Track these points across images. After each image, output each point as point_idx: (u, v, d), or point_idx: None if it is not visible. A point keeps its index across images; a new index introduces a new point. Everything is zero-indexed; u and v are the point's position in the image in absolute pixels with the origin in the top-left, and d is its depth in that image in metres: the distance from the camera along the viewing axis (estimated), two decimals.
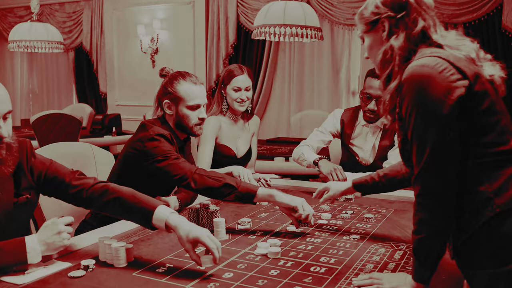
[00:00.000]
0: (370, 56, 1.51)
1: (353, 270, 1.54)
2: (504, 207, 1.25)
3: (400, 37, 1.37)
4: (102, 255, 1.61)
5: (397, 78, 1.37)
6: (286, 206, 1.93)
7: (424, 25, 1.38)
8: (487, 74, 1.34)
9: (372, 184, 1.96)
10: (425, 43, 1.38)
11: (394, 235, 1.90)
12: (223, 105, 2.85)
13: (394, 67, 1.38)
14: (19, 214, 1.64)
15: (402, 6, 1.39)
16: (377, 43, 1.44)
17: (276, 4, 4.12)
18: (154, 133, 2.09)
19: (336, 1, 5.73)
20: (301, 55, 6.30)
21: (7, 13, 8.30)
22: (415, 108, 1.27)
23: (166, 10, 6.90)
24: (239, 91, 2.78)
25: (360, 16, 1.48)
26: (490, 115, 1.29)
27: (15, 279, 1.43)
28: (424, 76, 1.26)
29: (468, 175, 1.29)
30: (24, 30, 5.68)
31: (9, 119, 1.55)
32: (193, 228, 1.53)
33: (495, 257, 1.26)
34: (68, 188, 1.69)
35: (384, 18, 1.40)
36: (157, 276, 1.49)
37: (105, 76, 7.55)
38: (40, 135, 5.20)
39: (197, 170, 2.02)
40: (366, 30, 1.47)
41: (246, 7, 6.26)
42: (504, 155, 1.29)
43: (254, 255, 1.67)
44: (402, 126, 1.38)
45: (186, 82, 2.18)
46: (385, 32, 1.41)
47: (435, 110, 1.25)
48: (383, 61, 1.42)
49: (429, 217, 1.29)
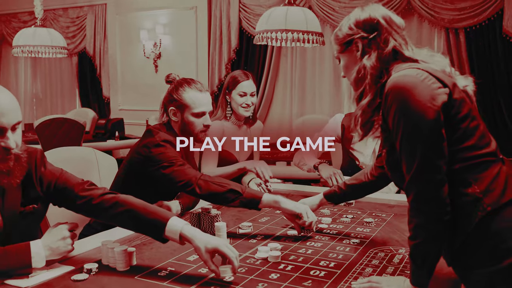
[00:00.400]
0: (346, 75, 1.56)
1: (352, 273, 1.56)
2: (494, 206, 1.30)
3: (372, 56, 1.44)
4: (105, 258, 1.63)
5: (368, 95, 1.44)
6: (290, 213, 1.95)
7: (395, 44, 1.45)
8: (461, 85, 1.41)
9: (340, 194, 2.03)
10: (398, 61, 1.44)
11: (393, 239, 1.92)
12: (227, 110, 2.87)
13: (366, 85, 1.45)
14: (25, 224, 1.63)
15: (374, 27, 1.46)
16: (352, 62, 1.51)
17: (278, 9, 4.14)
18: (160, 139, 2.12)
19: (337, 7, 5.76)
20: (303, 60, 6.33)
21: (11, 18, 8.36)
22: (402, 116, 1.32)
23: (169, 15, 6.94)
24: (244, 96, 2.81)
25: (335, 37, 1.54)
26: (470, 120, 1.35)
27: (19, 282, 1.46)
28: (407, 85, 1.32)
29: (455, 179, 1.32)
30: (28, 35, 5.71)
31: (19, 129, 1.52)
32: (210, 238, 1.53)
33: (490, 255, 1.29)
34: (77, 199, 1.67)
35: (358, 38, 1.47)
36: (159, 279, 1.51)
37: (108, 81, 7.59)
38: (43, 140, 5.24)
39: (202, 176, 2.04)
40: (341, 50, 1.53)
41: (249, 12, 6.29)
42: (487, 156, 1.35)
43: (254, 259, 1.69)
44: (386, 138, 1.44)
45: (192, 89, 2.20)
46: (359, 52, 1.47)
47: (422, 117, 1.29)
48: (357, 79, 1.48)
49: (424, 221, 1.32)
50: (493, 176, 1.33)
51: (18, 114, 1.49)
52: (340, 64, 1.57)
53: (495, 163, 1.36)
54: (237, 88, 2.81)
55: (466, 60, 5.20)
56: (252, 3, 6.28)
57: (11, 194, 1.58)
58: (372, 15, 1.47)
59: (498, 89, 5.09)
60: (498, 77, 5.08)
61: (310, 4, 5.87)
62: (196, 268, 1.60)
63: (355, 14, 1.50)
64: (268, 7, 5.64)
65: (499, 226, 1.29)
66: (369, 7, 1.49)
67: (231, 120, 2.88)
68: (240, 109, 2.83)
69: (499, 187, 1.32)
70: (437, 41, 5.55)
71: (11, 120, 1.46)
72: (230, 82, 2.85)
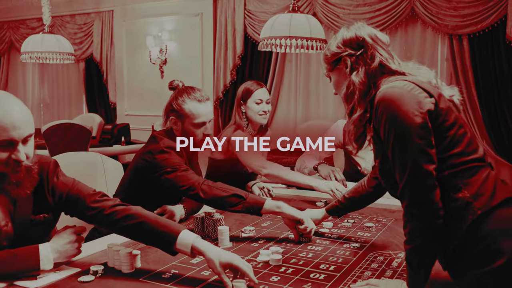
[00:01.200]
0: (337, 91, 1.64)
1: (352, 277, 1.60)
2: (484, 209, 1.34)
3: (360, 72, 1.51)
4: (110, 261, 1.68)
5: (358, 110, 1.51)
6: (292, 218, 1.99)
7: (381, 59, 1.52)
8: (447, 95, 1.48)
9: (341, 207, 2.07)
10: (386, 75, 1.51)
11: (393, 243, 1.95)
12: (243, 120, 2.87)
13: (355, 100, 1.52)
14: (36, 232, 1.66)
15: (360, 44, 1.54)
16: (341, 79, 1.59)
17: (282, 16, 4.19)
18: (164, 146, 2.16)
19: (342, 13, 5.81)
20: (307, 66, 6.37)
21: (19, 25, 8.47)
22: (392, 125, 1.37)
23: (175, 21, 7.02)
24: (261, 103, 2.83)
25: (325, 57, 1.62)
26: (457, 128, 1.40)
27: (28, 283, 1.50)
28: (395, 95, 1.38)
29: (446, 185, 1.37)
30: (36, 41, 5.79)
31: (31, 141, 1.55)
32: (222, 252, 1.56)
33: (482, 257, 1.33)
34: (88, 209, 1.69)
35: (345, 56, 1.55)
36: (163, 281, 1.55)
37: (114, 87, 7.67)
38: (50, 145, 5.30)
39: (205, 182, 2.08)
40: (330, 68, 1.61)
41: (253, 19, 6.35)
42: (475, 162, 1.39)
43: (256, 262, 1.73)
44: (378, 149, 1.50)
45: (191, 100, 2.22)
46: (348, 68, 1.55)
47: (410, 124, 1.34)
48: (347, 95, 1.55)
49: (419, 226, 1.36)
50: (482, 181, 1.37)
51: (29, 127, 1.52)
52: (330, 82, 1.65)
53: (484, 168, 1.40)
54: (253, 97, 2.83)
55: (469, 66, 5.22)
56: (257, 10, 6.34)
57: (22, 203, 1.61)
58: (358, 33, 1.54)
59: (501, 95, 5.10)
60: (501, 83, 5.09)
61: (314, 11, 5.93)
62: (199, 270, 1.64)
63: (341, 34, 1.57)
64: (272, 14, 5.70)
65: (490, 228, 1.33)
66: (354, 26, 1.57)
67: (247, 130, 2.89)
68: (257, 117, 2.84)
69: (488, 191, 1.36)
70: (440, 47, 5.58)
71: (22, 133, 1.49)
72: (244, 92, 2.86)
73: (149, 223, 1.64)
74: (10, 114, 1.46)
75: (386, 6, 5.57)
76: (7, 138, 1.46)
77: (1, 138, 1.45)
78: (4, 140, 1.46)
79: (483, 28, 5.12)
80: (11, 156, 1.49)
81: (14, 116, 1.47)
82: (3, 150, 1.47)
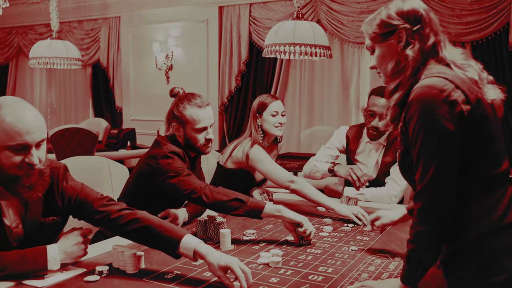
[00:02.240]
0: (379, 66, 1.53)
1: (349, 279, 1.65)
2: (493, 226, 1.34)
3: (415, 48, 1.43)
4: (115, 262, 1.73)
5: (400, 90, 1.44)
6: (291, 221, 2.04)
7: (435, 40, 1.45)
8: (489, 97, 1.41)
9: None
10: (434, 58, 1.44)
11: (391, 247, 2.00)
12: (259, 132, 2.87)
13: (404, 78, 1.44)
14: (45, 234, 1.73)
15: (417, 19, 1.44)
16: (389, 53, 1.48)
17: (286, 23, 4.25)
18: (168, 151, 2.22)
19: (346, 20, 5.87)
20: (311, 72, 6.43)
21: (27, 30, 8.59)
22: (423, 127, 1.34)
23: (181, 28, 7.10)
24: (276, 115, 2.85)
25: (371, 27, 1.51)
26: (486, 138, 1.37)
27: (35, 283, 1.56)
28: (431, 97, 1.33)
29: (461, 194, 1.37)
30: (44, 47, 5.88)
31: (43, 146, 1.62)
32: (222, 255, 1.61)
33: (483, 270, 1.35)
34: (95, 213, 1.75)
35: (401, 29, 1.44)
36: (166, 282, 1.61)
37: (121, 92, 7.75)
38: (57, 149, 5.37)
39: (207, 186, 2.13)
40: (379, 40, 1.50)
41: (258, 26, 6.42)
42: (496, 177, 1.38)
43: (256, 263, 1.78)
44: (403, 139, 1.46)
45: (192, 106, 2.27)
46: (402, 42, 1.45)
47: (441, 130, 1.32)
48: (394, 70, 1.47)
49: (427, 230, 1.36)
50: (497, 198, 1.36)
51: (42, 132, 1.59)
52: (373, 54, 1.54)
53: (502, 184, 1.39)
54: (268, 109, 2.85)
55: None
56: (262, 17, 6.41)
57: (33, 205, 1.68)
58: (415, 7, 1.45)
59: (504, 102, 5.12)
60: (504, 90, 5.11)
61: (319, 18, 5.99)
62: (201, 271, 1.70)
63: (395, 5, 1.47)
64: (277, 20, 5.77)
65: (498, 244, 1.34)
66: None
67: (262, 143, 2.90)
68: (273, 129, 2.86)
69: (500, 209, 1.35)
70: None
71: (35, 138, 1.56)
72: (260, 105, 2.87)
73: (153, 227, 1.70)
74: (25, 120, 1.54)
75: None
76: (21, 142, 1.52)
77: (15, 142, 1.52)
78: (19, 144, 1.53)
79: (486, 36, 5.16)
80: (25, 160, 1.55)
81: (28, 121, 1.54)
82: (17, 154, 1.54)
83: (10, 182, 1.57)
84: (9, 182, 1.57)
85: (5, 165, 1.54)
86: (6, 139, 1.51)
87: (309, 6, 6.02)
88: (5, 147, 1.52)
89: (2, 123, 1.51)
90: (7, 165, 1.53)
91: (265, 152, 2.79)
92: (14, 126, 1.51)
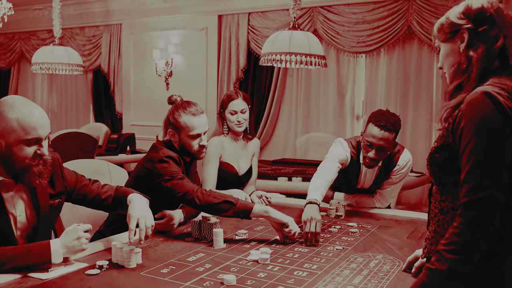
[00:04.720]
0: (443, 65, 1.49)
1: (331, 274, 1.77)
2: None
3: (478, 50, 1.37)
4: (114, 257, 1.86)
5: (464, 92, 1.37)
6: (278, 222, 2.17)
7: (504, 42, 1.37)
8: None
9: None
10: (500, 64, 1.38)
11: (373, 247, 2.12)
12: (224, 127, 3.09)
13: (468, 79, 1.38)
14: (53, 216, 2.00)
15: (485, 20, 1.37)
16: (453, 53, 1.44)
17: (283, 33, 4.38)
18: (164, 155, 2.35)
19: (341, 30, 6.01)
20: (308, 80, 6.56)
21: (30, 36, 8.72)
22: (475, 133, 1.29)
23: (181, 35, 7.24)
24: (235, 114, 3.01)
25: (440, 26, 1.47)
26: None
27: (40, 275, 1.69)
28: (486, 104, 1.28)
29: None
30: (47, 53, 5.97)
31: (47, 139, 1.85)
32: (134, 210, 1.95)
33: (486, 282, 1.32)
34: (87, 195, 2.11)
35: (465, 29, 1.39)
36: (161, 275, 1.73)
37: (121, 97, 7.88)
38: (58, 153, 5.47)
39: (199, 189, 2.26)
40: (445, 39, 1.45)
41: (257, 34, 6.57)
42: None
43: (246, 260, 1.91)
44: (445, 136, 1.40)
45: (187, 114, 2.40)
46: (464, 43, 1.39)
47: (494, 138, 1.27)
48: (456, 71, 1.42)
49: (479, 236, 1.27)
50: None
51: (49, 127, 1.83)
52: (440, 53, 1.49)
53: None
54: (229, 107, 3.02)
55: None
56: (260, 26, 6.56)
57: (42, 192, 1.89)
58: (485, 5, 1.38)
59: None
60: None
61: (315, 27, 6.13)
62: (194, 267, 1.82)
63: (467, 2, 1.41)
64: (275, 29, 5.91)
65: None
66: None
67: (229, 136, 3.10)
68: (234, 126, 3.04)
69: None
70: (436, 64, 5.75)
71: (45, 132, 1.79)
72: (224, 101, 3.07)
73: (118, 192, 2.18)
74: (35, 116, 1.76)
75: (384, 24, 5.78)
76: (36, 136, 1.75)
77: (31, 136, 1.74)
78: (34, 138, 1.75)
79: None
80: (37, 151, 1.77)
81: (39, 118, 1.77)
82: (31, 146, 1.76)
83: (22, 172, 1.77)
84: (22, 172, 1.77)
85: (20, 157, 1.74)
86: (22, 133, 1.72)
87: (306, 16, 6.17)
88: (21, 141, 1.73)
89: (18, 120, 1.72)
90: (22, 157, 1.74)
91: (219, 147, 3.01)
92: (29, 122, 1.73)
